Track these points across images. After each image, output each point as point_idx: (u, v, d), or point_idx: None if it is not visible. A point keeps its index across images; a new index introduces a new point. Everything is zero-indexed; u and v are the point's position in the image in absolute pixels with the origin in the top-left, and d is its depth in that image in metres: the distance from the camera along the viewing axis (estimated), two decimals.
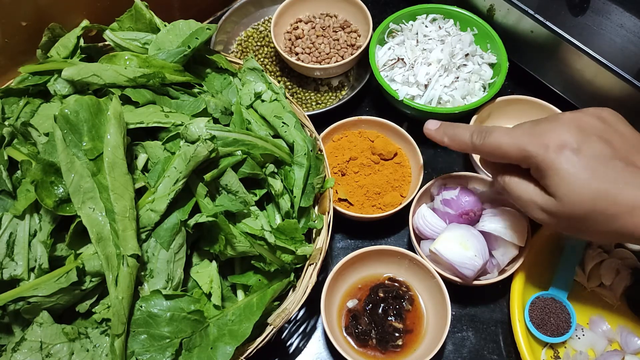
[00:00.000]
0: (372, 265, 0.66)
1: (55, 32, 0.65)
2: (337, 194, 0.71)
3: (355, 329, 0.62)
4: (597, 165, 0.47)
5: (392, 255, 0.65)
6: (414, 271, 0.65)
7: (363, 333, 0.62)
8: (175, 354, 0.48)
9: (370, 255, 0.65)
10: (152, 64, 0.61)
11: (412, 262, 0.64)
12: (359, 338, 0.62)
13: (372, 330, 0.62)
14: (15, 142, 0.57)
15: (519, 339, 0.61)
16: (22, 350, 0.47)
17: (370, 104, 0.86)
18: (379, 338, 0.62)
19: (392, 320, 0.63)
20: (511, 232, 0.62)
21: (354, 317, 0.63)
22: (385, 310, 0.63)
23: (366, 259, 0.65)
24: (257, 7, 0.91)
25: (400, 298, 0.64)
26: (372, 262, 0.66)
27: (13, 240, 0.50)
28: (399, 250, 0.64)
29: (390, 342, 0.62)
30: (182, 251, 0.53)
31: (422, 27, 0.80)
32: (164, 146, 0.56)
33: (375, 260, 0.66)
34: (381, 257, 0.65)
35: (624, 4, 0.73)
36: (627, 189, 0.46)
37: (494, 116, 0.78)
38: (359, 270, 0.66)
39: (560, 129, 0.49)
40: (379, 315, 0.63)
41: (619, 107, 0.71)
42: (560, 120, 0.50)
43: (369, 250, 0.64)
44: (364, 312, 0.64)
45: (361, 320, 0.63)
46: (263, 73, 0.67)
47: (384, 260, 0.66)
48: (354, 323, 0.63)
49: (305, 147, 0.60)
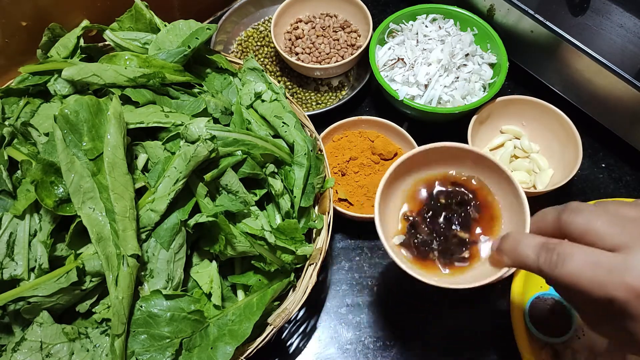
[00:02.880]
0: (431, 167, 0.56)
1: (55, 32, 0.65)
2: (337, 194, 0.71)
3: (414, 239, 0.53)
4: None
5: (456, 155, 0.55)
6: (482, 172, 0.55)
7: (423, 244, 0.53)
8: (175, 354, 0.48)
9: (429, 156, 0.55)
10: (152, 64, 0.61)
11: (478, 160, 0.54)
12: (419, 250, 0.53)
13: (434, 241, 0.53)
14: (15, 142, 0.57)
15: (519, 339, 0.61)
16: (22, 350, 0.47)
17: (370, 104, 0.86)
18: (441, 250, 0.52)
19: (457, 230, 0.53)
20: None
21: (412, 226, 0.54)
22: (448, 219, 0.54)
23: (424, 159, 0.55)
24: (257, 7, 0.91)
25: (466, 204, 0.54)
26: (431, 164, 0.56)
27: (13, 240, 0.50)
28: (462, 147, 0.54)
29: (455, 254, 0.52)
30: (182, 251, 0.53)
31: (422, 27, 0.80)
32: (164, 146, 0.56)
33: (435, 162, 0.56)
34: (443, 159, 0.55)
35: (624, 4, 0.73)
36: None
37: (494, 116, 0.78)
38: (416, 173, 0.56)
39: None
40: (441, 224, 0.54)
41: (619, 107, 0.71)
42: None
43: (427, 148, 0.54)
44: (423, 220, 0.54)
45: (420, 230, 0.54)
46: (263, 73, 0.67)
47: (444, 161, 0.56)
48: (412, 232, 0.54)
49: (305, 147, 0.60)
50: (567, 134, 0.73)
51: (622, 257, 0.35)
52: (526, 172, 0.75)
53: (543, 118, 0.76)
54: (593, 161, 0.79)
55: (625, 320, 0.36)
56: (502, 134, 0.79)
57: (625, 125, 0.74)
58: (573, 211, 0.39)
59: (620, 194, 0.77)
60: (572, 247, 0.37)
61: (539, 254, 0.39)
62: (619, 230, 0.37)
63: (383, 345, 0.66)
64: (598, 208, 0.39)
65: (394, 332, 0.67)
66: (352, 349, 0.66)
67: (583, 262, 0.36)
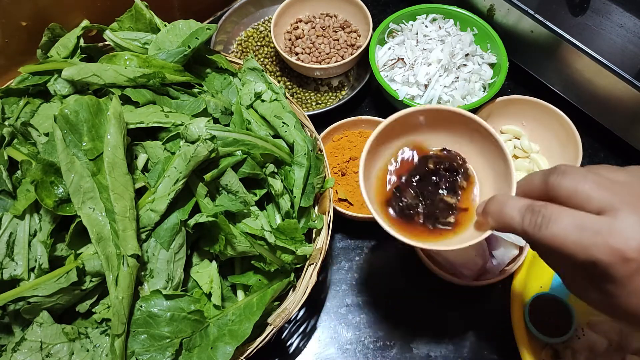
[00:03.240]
0: (422, 131, 0.55)
1: (55, 32, 0.65)
2: (337, 194, 0.71)
3: (400, 202, 0.52)
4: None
5: (446, 118, 0.53)
6: (472, 139, 0.53)
7: (408, 207, 0.52)
8: (175, 354, 0.48)
9: (418, 118, 0.53)
10: (152, 64, 0.61)
11: (469, 126, 0.52)
12: (404, 212, 0.52)
13: (420, 204, 0.52)
14: (15, 142, 0.57)
15: (519, 339, 0.61)
16: (22, 350, 0.47)
17: (370, 104, 0.86)
18: (426, 213, 0.51)
19: (444, 194, 0.52)
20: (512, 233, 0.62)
21: (398, 189, 0.53)
22: (436, 184, 0.53)
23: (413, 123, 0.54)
24: (257, 7, 0.91)
25: (455, 171, 0.53)
26: (421, 130, 0.55)
27: (13, 240, 0.50)
28: (454, 111, 0.52)
29: (440, 218, 0.51)
30: (182, 251, 0.53)
31: (422, 27, 0.80)
32: (164, 146, 0.56)
33: (425, 127, 0.54)
34: (432, 123, 0.54)
35: (624, 4, 0.73)
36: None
37: (494, 116, 0.78)
38: (405, 136, 0.55)
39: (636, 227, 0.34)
40: (428, 188, 0.52)
41: (619, 107, 0.71)
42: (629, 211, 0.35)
43: (417, 110, 0.52)
44: (409, 183, 0.53)
45: (406, 193, 0.52)
46: (263, 73, 0.67)
47: (435, 127, 0.54)
48: (397, 195, 0.53)
49: (305, 147, 0.60)
50: (567, 134, 0.73)
51: (608, 219, 0.35)
52: (526, 172, 0.75)
53: (543, 118, 0.76)
54: (593, 161, 0.79)
55: (608, 283, 0.35)
56: (502, 134, 0.79)
57: (625, 125, 0.74)
58: (560, 174, 0.38)
59: None
60: (558, 209, 0.37)
61: (524, 216, 0.38)
62: (607, 192, 0.36)
63: (383, 345, 0.66)
64: (586, 171, 0.38)
65: (394, 332, 0.67)
66: (352, 349, 0.66)
67: (568, 224, 0.36)
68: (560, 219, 0.36)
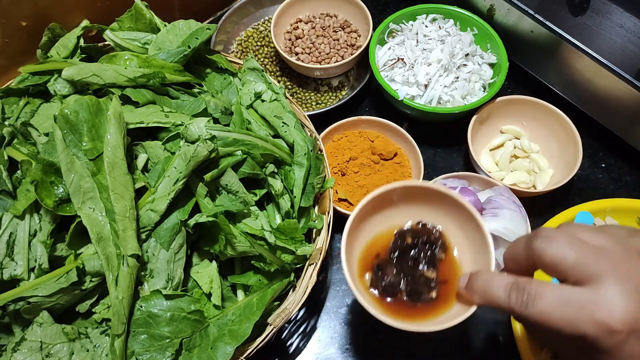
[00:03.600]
0: (398, 207, 0.56)
1: (55, 32, 0.65)
2: (337, 194, 0.71)
3: (382, 281, 0.53)
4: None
5: (421, 193, 0.55)
6: (448, 211, 0.54)
7: (391, 285, 0.53)
8: (175, 354, 0.48)
9: (394, 195, 0.54)
10: (152, 64, 0.61)
11: (446, 200, 0.54)
12: (386, 291, 0.53)
13: (401, 281, 0.53)
14: (15, 142, 0.57)
15: (519, 339, 0.61)
16: (22, 350, 0.47)
17: (370, 104, 0.86)
18: (409, 290, 0.53)
19: (424, 269, 0.53)
20: (512, 232, 0.62)
21: (379, 268, 0.54)
22: (415, 259, 0.54)
23: (390, 198, 0.55)
24: (257, 7, 0.91)
25: (433, 244, 0.54)
26: (397, 205, 0.56)
27: (13, 240, 0.50)
28: (428, 187, 0.54)
29: (422, 294, 0.52)
30: (182, 251, 0.53)
31: (422, 27, 0.80)
32: (164, 146, 0.56)
33: (401, 202, 0.56)
34: (408, 198, 0.55)
35: (624, 4, 0.73)
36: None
37: (494, 116, 0.78)
38: (382, 213, 0.56)
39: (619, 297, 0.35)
40: (408, 264, 0.54)
41: (619, 107, 0.71)
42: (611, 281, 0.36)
43: (393, 187, 0.53)
44: (390, 261, 0.54)
45: (388, 271, 0.53)
46: (263, 73, 0.67)
47: (410, 201, 0.55)
48: (379, 274, 0.54)
49: (305, 147, 0.60)
50: (567, 134, 0.73)
51: (592, 292, 0.36)
52: (526, 172, 0.75)
53: (543, 118, 0.76)
54: (593, 161, 0.79)
55: (599, 354, 0.36)
56: (502, 134, 0.79)
57: (625, 125, 0.74)
58: (544, 239, 0.39)
59: (619, 194, 0.77)
60: (542, 285, 0.38)
61: (509, 294, 0.40)
62: (590, 261, 0.37)
63: (383, 345, 0.66)
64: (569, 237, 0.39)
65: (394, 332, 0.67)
66: (352, 349, 0.66)
67: (553, 301, 0.37)
68: (545, 295, 0.37)
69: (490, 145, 0.78)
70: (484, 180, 0.70)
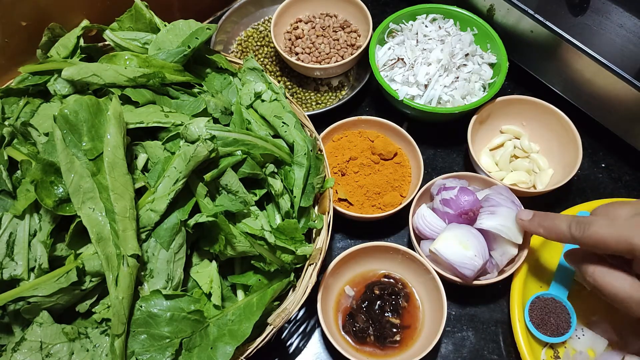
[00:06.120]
0: (367, 263, 0.67)
1: (55, 32, 0.65)
2: (337, 194, 0.71)
3: (353, 327, 0.63)
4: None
5: (386, 251, 0.66)
6: (409, 266, 0.66)
7: (361, 330, 0.63)
8: (175, 354, 0.48)
9: (363, 253, 0.65)
10: (152, 63, 0.61)
11: (406, 257, 0.65)
12: (357, 335, 0.63)
13: (370, 327, 0.63)
14: (15, 142, 0.57)
15: (519, 339, 0.61)
16: (22, 350, 0.47)
17: (370, 104, 0.86)
18: (377, 334, 0.63)
19: (389, 316, 0.64)
20: (509, 230, 0.62)
21: (351, 315, 0.64)
22: (381, 307, 0.64)
23: (360, 256, 0.66)
24: (257, 7, 0.91)
25: (396, 294, 0.65)
26: (366, 259, 0.67)
27: (13, 240, 0.50)
28: (392, 246, 0.65)
29: (388, 337, 0.63)
30: (182, 251, 0.53)
31: (422, 27, 0.80)
32: (164, 146, 0.56)
33: (370, 257, 0.67)
34: (375, 254, 0.66)
35: (624, 4, 0.73)
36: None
37: (494, 116, 0.78)
38: (353, 268, 0.67)
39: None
40: (376, 312, 0.64)
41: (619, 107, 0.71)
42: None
43: (362, 247, 0.64)
44: (360, 309, 0.64)
45: (358, 318, 0.64)
46: (263, 73, 0.67)
47: (378, 257, 0.67)
48: (351, 321, 0.64)
49: (305, 147, 0.60)
50: (567, 134, 0.73)
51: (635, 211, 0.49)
52: (526, 172, 0.75)
53: (543, 118, 0.76)
54: (593, 161, 0.79)
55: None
56: (502, 134, 0.79)
57: (625, 125, 0.74)
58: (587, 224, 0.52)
59: (619, 193, 0.77)
60: (593, 217, 0.52)
61: (570, 226, 0.53)
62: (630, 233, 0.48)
63: None
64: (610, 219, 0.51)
65: None
66: None
67: (605, 224, 0.50)
68: (596, 221, 0.51)
69: (490, 145, 0.78)
70: (484, 180, 0.70)
